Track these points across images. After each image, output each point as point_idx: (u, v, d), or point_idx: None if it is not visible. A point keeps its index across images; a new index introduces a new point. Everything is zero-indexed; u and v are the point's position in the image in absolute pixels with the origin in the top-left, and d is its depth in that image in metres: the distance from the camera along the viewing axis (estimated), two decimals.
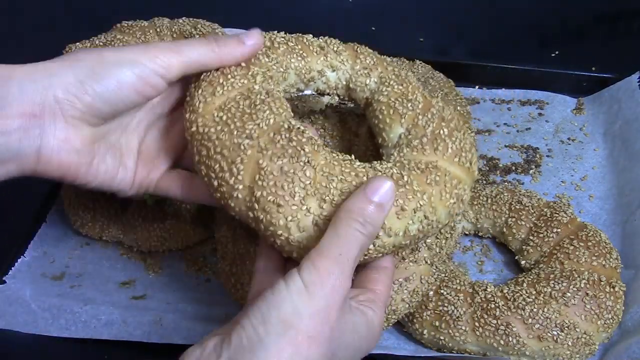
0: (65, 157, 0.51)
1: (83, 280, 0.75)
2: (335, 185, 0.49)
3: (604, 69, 0.95)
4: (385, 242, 0.50)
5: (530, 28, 1.13)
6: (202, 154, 0.52)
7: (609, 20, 1.16)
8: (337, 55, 0.62)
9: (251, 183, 0.49)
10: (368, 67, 0.62)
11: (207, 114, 0.53)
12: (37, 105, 0.49)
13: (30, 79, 0.49)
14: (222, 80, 0.54)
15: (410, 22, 1.12)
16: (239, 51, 0.54)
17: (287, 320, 0.42)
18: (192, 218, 0.76)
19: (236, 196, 0.50)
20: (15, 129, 0.49)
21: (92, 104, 0.51)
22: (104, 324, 0.68)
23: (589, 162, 0.86)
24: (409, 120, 0.58)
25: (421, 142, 0.56)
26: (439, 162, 0.55)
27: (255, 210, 0.49)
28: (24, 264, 0.76)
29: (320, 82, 0.62)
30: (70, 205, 0.78)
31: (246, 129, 0.50)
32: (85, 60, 0.51)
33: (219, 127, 0.51)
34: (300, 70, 0.60)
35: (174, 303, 0.71)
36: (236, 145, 0.50)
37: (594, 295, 0.63)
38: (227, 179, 0.50)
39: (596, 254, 0.67)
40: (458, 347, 0.63)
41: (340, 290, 0.44)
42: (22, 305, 0.70)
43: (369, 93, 0.62)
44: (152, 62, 0.52)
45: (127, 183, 0.57)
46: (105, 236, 0.77)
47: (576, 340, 0.62)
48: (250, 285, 0.66)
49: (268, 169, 0.49)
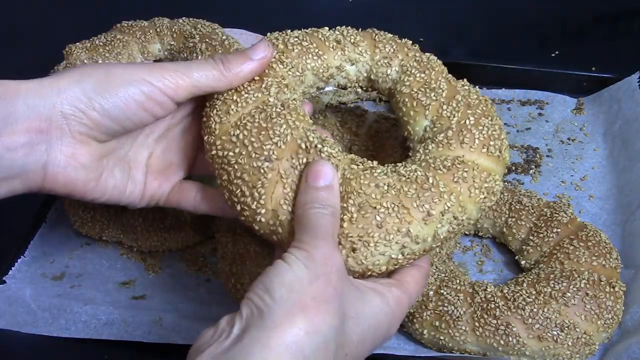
0: (72, 174, 0.51)
1: (83, 280, 0.75)
2: (353, 200, 0.49)
3: (604, 69, 0.94)
4: (415, 249, 0.50)
5: (530, 28, 1.13)
6: (223, 179, 0.52)
7: (609, 20, 1.16)
8: (354, 47, 0.60)
9: (274, 207, 0.49)
10: (388, 56, 0.61)
11: (223, 134, 0.52)
12: (44, 121, 0.49)
13: (37, 95, 0.49)
14: (235, 98, 0.54)
15: (410, 22, 1.12)
16: (248, 69, 0.54)
17: (290, 285, 0.43)
18: (192, 218, 0.76)
19: (260, 220, 0.50)
20: (21, 145, 0.48)
21: (99, 120, 0.50)
22: (104, 324, 0.68)
23: (589, 162, 0.86)
24: (433, 111, 0.57)
25: (446, 135, 0.55)
26: (466, 155, 0.54)
27: (280, 234, 0.50)
28: (24, 264, 0.75)
29: (340, 78, 0.61)
30: (70, 206, 0.78)
31: (264, 150, 0.50)
32: (93, 75, 0.50)
33: (237, 150, 0.51)
34: (317, 70, 0.59)
35: (174, 303, 0.71)
36: (256, 169, 0.50)
37: (594, 295, 0.63)
38: (250, 204, 0.50)
39: (596, 254, 0.67)
40: (458, 347, 0.63)
41: (332, 260, 0.46)
42: (22, 305, 0.70)
43: (391, 83, 0.61)
44: (160, 83, 0.51)
45: (136, 196, 0.57)
46: (105, 236, 0.77)
47: (576, 340, 0.62)
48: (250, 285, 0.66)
49: (290, 195, 0.49)
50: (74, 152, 0.50)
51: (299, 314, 0.42)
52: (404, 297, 0.50)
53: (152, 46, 0.81)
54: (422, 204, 0.49)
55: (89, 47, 0.79)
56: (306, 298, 0.42)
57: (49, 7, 1.22)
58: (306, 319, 0.42)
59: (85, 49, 0.79)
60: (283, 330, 0.41)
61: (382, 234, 0.48)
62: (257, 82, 0.55)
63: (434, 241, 0.50)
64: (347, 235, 0.49)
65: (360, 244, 0.48)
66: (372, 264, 0.49)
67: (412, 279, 0.52)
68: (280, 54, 0.57)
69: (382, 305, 0.48)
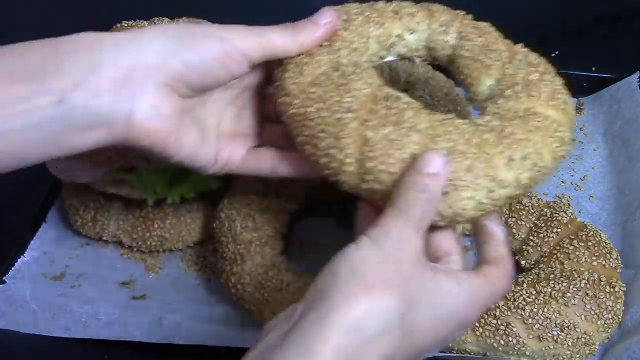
0: (155, 124, 0.50)
1: (83, 280, 0.75)
2: (443, 144, 0.49)
3: (604, 69, 0.94)
4: (501, 194, 0.50)
5: (530, 28, 1.13)
6: (304, 134, 0.52)
7: (609, 20, 1.16)
8: (412, 17, 0.61)
9: (360, 155, 0.49)
10: (444, 24, 0.61)
11: (300, 93, 0.53)
12: (129, 69, 0.49)
13: (122, 45, 0.49)
14: (307, 60, 0.55)
15: None
16: (317, 34, 0.55)
17: (356, 266, 0.42)
18: (191, 218, 0.76)
19: (346, 170, 0.50)
20: (107, 92, 0.48)
21: (181, 71, 0.51)
22: (104, 324, 0.68)
23: (589, 162, 0.86)
24: (497, 70, 0.57)
25: (514, 90, 0.55)
26: (536, 107, 0.54)
27: (369, 182, 0.49)
28: (23, 264, 0.75)
29: (400, 47, 0.62)
30: (70, 205, 0.78)
31: (344, 103, 0.51)
32: (174, 30, 0.51)
33: (316, 105, 0.52)
34: (380, 38, 0.60)
35: (174, 303, 0.71)
36: (338, 120, 0.50)
37: (594, 295, 0.63)
38: (335, 155, 0.50)
39: (596, 254, 0.67)
40: (458, 347, 0.63)
41: (409, 242, 0.44)
42: (22, 305, 0.70)
43: (450, 50, 0.61)
44: (237, 41, 0.52)
45: (209, 160, 0.57)
46: (105, 236, 0.77)
47: (576, 340, 0.62)
48: (250, 285, 0.67)
49: (374, 139, 0.49)
50: (157, 102, 0.50)
51: (362, 296, 0.40)
52: (485, 288, 0.48)
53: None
54: (504, 150, 0.50)
55: None
56: (372, 280, 0.41)
57: (49, 7, 1.22)
58: (369, 301, 0.40)
59: None
60: (343, 312, 0.40)
61: (471, 178, 0.49)
62: (327, 46, 0.56)
63: (517, 187, 0.51)
64: None
65: (450, 187, 0.48)
66: (461, 208, 0.49)
67: (496, 276, 0.50)
68: (345, 22, 0.58)
69: (459, 292, 0.46)
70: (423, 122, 0.50)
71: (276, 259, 0.69)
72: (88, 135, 0.49)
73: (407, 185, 0.47)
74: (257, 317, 0.66)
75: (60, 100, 0.46)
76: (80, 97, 0.47)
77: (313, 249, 0.77)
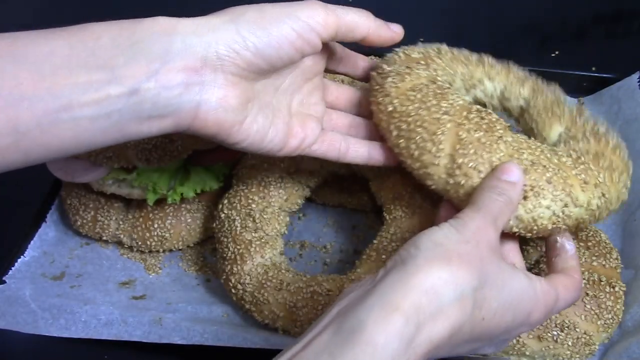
0: (221, 115, 0.51)
1: (83, 280, 0.75)
2: (526, 156, 0.55)
3: (604, 69, 0.94)
4: (573, 212, 0.56)
5: (530, 28, 1.13)
6: (402, 129, 0.58)
7: (609, 20, 1.16)
8: (491, 68, 0.69)
9: (452, 152, 0.56)
10: (520, 78, 0.69)
11: (401, 95, 0.60)
12: (200, 61, 0.49)
13: (194, 33, 0.49)
14: (408, 71, 0.61)
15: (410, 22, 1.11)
16: (389, 32, 0.58)
17: (438, 240, 0.45)
18: (192, 218, 0.76)
19: (437, 163, 0.56)
20: (177, 84, 0.48)
21: (251, 60, 0.51)
22: (104, 324, 0.68)
23: None
24: (567, 120, 0.65)
25: (584, 135, 0.63)
26: (604, 152, 0.60)
27: (456, 176, 0.55)
28: (23, 264, 0.75)
29: (478, 90, 0.68)
30: (70, 206, 0.78)
31: (442, 107, 0.58)
32: (245, 14, 0.51)
33: (415, 105, 0.58)
34: (465, 76, 0.66)
35: (174, 303, 0.71)
36: (435, 120, 0.57)
37: (594, 295, 0.63)
38: (429, 148, 0.56)
39: (596, 254, 0.67)
40: None
41: (486, 234, 0.47)
42: (22, 305, 0.70)
43: (523, 101, 0.69)
44: (310, 19, 0.52)
45: (277, 144, 0.57)
46: (105, 236, 0.77)
47: (576, 340, 0.62)
48: (250, 285, 0.67)
49: (467, 139, 0.56)
50: (226, 93, 0.50)
51: (442, 263, 0.43)
52: (552, 293, 0.50)
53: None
54: (580, 173, 0.56)
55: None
56: (451, 254, 0.44)
57: (49, 7, 1.22)
58: (448, 270, 0.42)
59: None
60: (423, 275, 0.42)
61: (550, 189, 0.55)
62: (424, 65, 0.63)
63: (586, 210, 0.56)
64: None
65: (531, 193, 0.54)
66: (538, 216, 0.55)
67: (563, 286, 0.52)
68: (437, 53, 0.65)
69: (527, 287, 0.48)
70: (509, 136, 0.57)
71: (276, 259, 0.69)
72: (154, 123, 0.49)
73: (487, 188, 0.51)
74: (257, 317, 0.66)
75: (132, 91, 0.46)
76: (153, 88, 0.47)
77: (313, 249, 0.77)
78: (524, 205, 0.54)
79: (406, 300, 0.41)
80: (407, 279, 0.42)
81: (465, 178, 0.55)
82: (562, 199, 0.55)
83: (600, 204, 0.57)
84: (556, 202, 0.55)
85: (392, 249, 0.64)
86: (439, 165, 0.56)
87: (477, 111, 0.58)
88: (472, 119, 0.57)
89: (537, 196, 0.54)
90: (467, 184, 0.54)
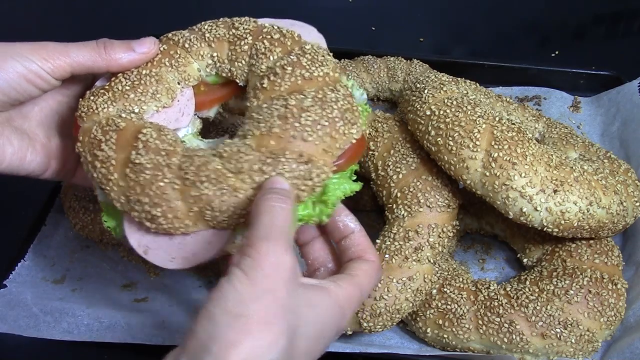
0: None
1: (84, 283, 0.74)
2: (555, 157, 0.64)
3: (603, 69, 0.94)
4: (596, 212, 0.63)
5: (530, 28, 1.13)
6: (440, 128, 0.66)
7: (609, 20, 1.16)
8: (510, 104, 0.79)
9: (487, 147, 0.63)
10: (534, 115, 0.79)
11: (438, 102, 0.68)
12: None
13: None
14: (442, 86, 0.71)
15: (410, 22, 1.12)
16: (128, 58, 0.57)
17: (233, 311, 0.41)
18: None
19: (474, 157, 0.63)
20: None
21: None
22: (106, 327, 0.68)
23: None
24: (582, 147, 0.74)
25: (599, 157, 0.71)
26: (619, 172, 0.69)
27: (492, 169, 0.62)
28: (24, 268, 0.75)
29: None
30: (70, 208, 0.77)
31: (476, 111, 0.66)
32: None
33: (453, 109, 0.67)
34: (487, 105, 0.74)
35: (176, 305, 0.71)
36: (472, 120, 0.65)
37: (597, 292, 0.63)
38: (467, 144, 0.64)
39: (598, 251, 0.67)
40: (462, 345, 0.63)
41: (282, 266, 0.43)
42: (24, 309, 0.70)
43: (538, 135, 0.78)
44: (41, 62, 0.55)
45: (38, 165, 0.59)
46: (105, 239, 0.77)
47: (579, 338, 0.61)
48: None
49: (501, 137, 0.63)
50: None
51: (245, 340, 0.40)
52: (355, 291, 0.50)
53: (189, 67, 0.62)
54: (601, 179, 0.65)
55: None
56: (251, 322, 0.41)
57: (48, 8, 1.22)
58: (251, 344, 0.40)
59: None
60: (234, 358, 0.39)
61: (578, 186, 0.62)
62: (455, 84, 0.73)
63: (607, 214, 0.64)
64: (552, 178, 0.62)
65: (561, 187, 0.62)
66: (566, 209, 0.62)
67: (363, 272, 0.51)
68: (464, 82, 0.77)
69: (331, 307, 0.47)
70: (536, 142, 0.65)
71: None
72: None
73: (262, 201, 0.47)
74: None
75: None
76: None
77: None
78: (553, 198, 0.61)
79: None
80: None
81: (501, 170, 0.62)
82: (588, 197, 0.62)
83: (619, 210, 0.64)
84: (582, 200, 0.62)
85: (395, 248, 0.64)
86: (476, 160, 0.63)
87: (507, 120, 0.66)
88: (504, 123, 0.65)
89: (566, 191, 0.61)
90: (502, 176, 0.61)
